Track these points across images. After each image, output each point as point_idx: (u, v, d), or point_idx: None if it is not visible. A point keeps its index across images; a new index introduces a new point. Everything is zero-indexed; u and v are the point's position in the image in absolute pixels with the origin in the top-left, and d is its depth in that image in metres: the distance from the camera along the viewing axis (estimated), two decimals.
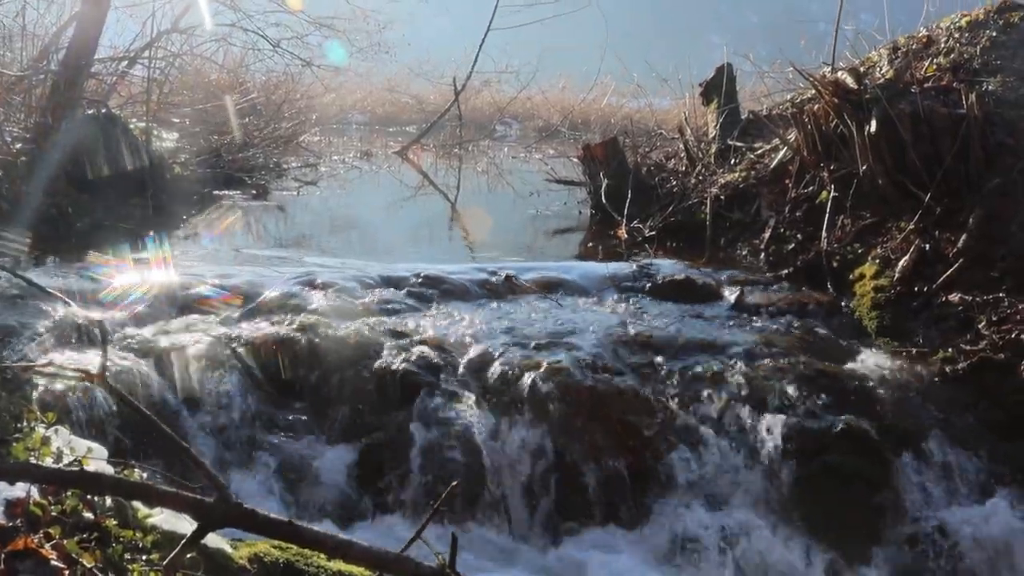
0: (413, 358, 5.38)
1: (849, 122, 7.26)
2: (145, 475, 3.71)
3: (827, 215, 7.27)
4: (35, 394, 4.44)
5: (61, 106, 9.35)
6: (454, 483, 2.70)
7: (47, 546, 2.59)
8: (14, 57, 11.15)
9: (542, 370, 5.27)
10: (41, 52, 10.95)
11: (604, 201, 9.67)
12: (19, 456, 3.16)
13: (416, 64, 23.82)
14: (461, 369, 5.40)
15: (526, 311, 6.33)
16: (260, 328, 5.60)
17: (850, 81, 7.37)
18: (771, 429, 5.10)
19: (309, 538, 2.29)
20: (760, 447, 5.07)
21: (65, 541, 2.67)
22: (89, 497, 3.12)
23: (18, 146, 9.01)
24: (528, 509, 4.86)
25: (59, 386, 4.55)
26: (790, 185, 7.96)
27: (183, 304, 6.01)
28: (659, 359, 5.61)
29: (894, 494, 4.93)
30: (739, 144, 9.41)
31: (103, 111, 9.79)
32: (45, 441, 3.43)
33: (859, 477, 4.99)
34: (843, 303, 6.59)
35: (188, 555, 2.85)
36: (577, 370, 5.34)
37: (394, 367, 5.32)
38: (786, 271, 7.19)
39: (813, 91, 8.05)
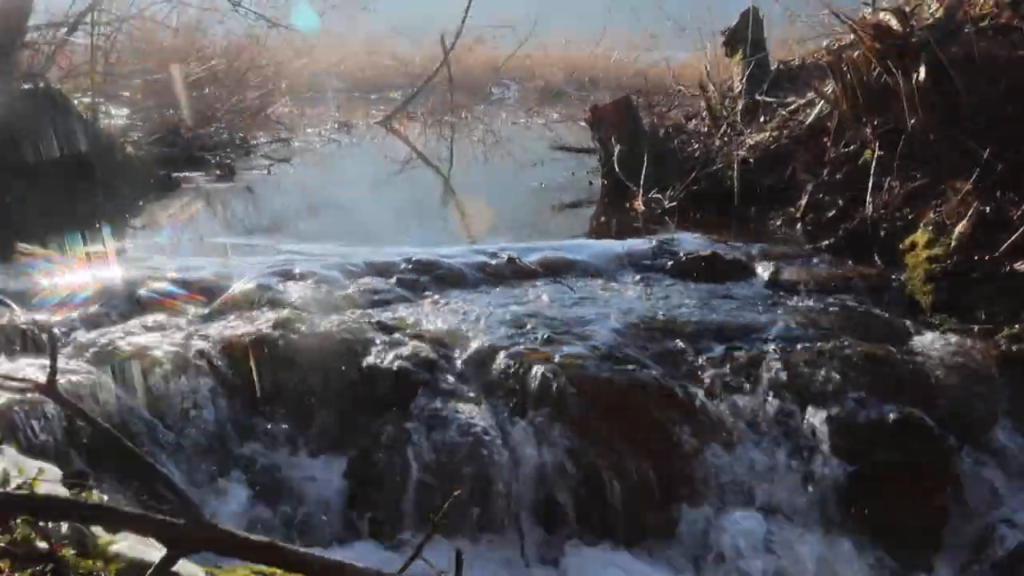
0: (406, 354, 5.37)
1: (894, 70, 7.25)
2: (105, 498, 3.71)
3: (872, 177, 7.27)
4: None
5: None
6: (456, 492, 2.69)
7: None
8: None
9: (553, 363, 5.27)
10: None
11: (617, 169, 9.67)
12: None
13: (399, 20, 23.79)
14: (461, 365, 5.39)
15: (532, 297, 6.33)
16: (230, 327, 5.60)
17: (894, 23, 7.35)
18: (815, 423, 5.10)
19: (295, 560, 2.30)
20: (803, 443, 5.07)
21: (17, 575, 2.67)
22: (42, 524, 3.12)
23: None
24: (541, 521, 4.85)
25: (2, 400, 4.54)
26: (828, 144, 7.96)
27: (141, 303, 6.00)
28: (685, 347, 5.61)
29: (957, 492, 4.93)
30: (769, 99, 9.41)
31: (41, 85, 9.78)
32: None
33: (917, 474, 4.99)
34: (893, 276, 6.58)
35: None
36: (592, 362, 5.33)
37: (385, 365, 5.32)
38: (826, 242, 7.19)
39: (852, 36, 8.04)
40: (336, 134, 16.63)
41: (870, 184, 7.24)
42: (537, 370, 5.23)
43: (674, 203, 8.72)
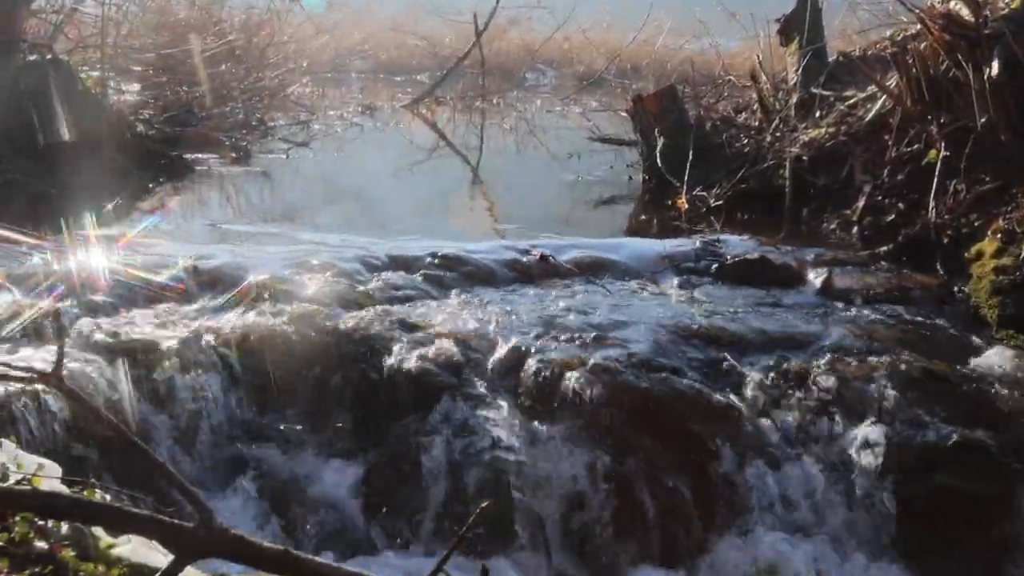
0: (430, 355, 5.40)
1: (964, 64, 7.20)
2: (108, 497, 3.74)
3: (936, 179, 7.23)
4: None
5: None
6: (484, 504, 2.70)
7: None
8: None
9: (586, 369, 5.27)
10: None
11: (659, 164, 9.66)
12: None
13: None
14: (488, 368, 5.41)
15: (566, 298, 6.33)
16: (244, 320, 5.64)
17: (965, 13, 7.30)
18: (867, 442, 5.07)
19: (310, 570, 2.31)
20: (853, 464, 5.05)
21: (15, 575, 2.70)
22: (42, 524, 3.15)
23: None
24: (571, 538, 4.86)
25: (1, 391, 4.60)
26: (889, 143, 7.91)
27: (150, 291, 6.04)
28: (728, 356, 5.60)
29: (1020, 522, 4.89)
30: (826, 93, 9.36)
31: (48, 57, 9.85)
32: None
33: (976, 501, 4.95)
34: (956, 288, 6.55)
35: None
36: (628, 369, 5.33)
37: (407, 366, 5.34)
38: (885, 248, 7.16)
39: (918, 26, 7.99)
40: (359, 117, 16.68)
41: (934, 187, 7.19)
42: (569, 377, 5.24)
43: (720, 202, 8.70)
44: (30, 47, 10.17)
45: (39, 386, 4.61)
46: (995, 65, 6.93)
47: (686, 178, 9.10)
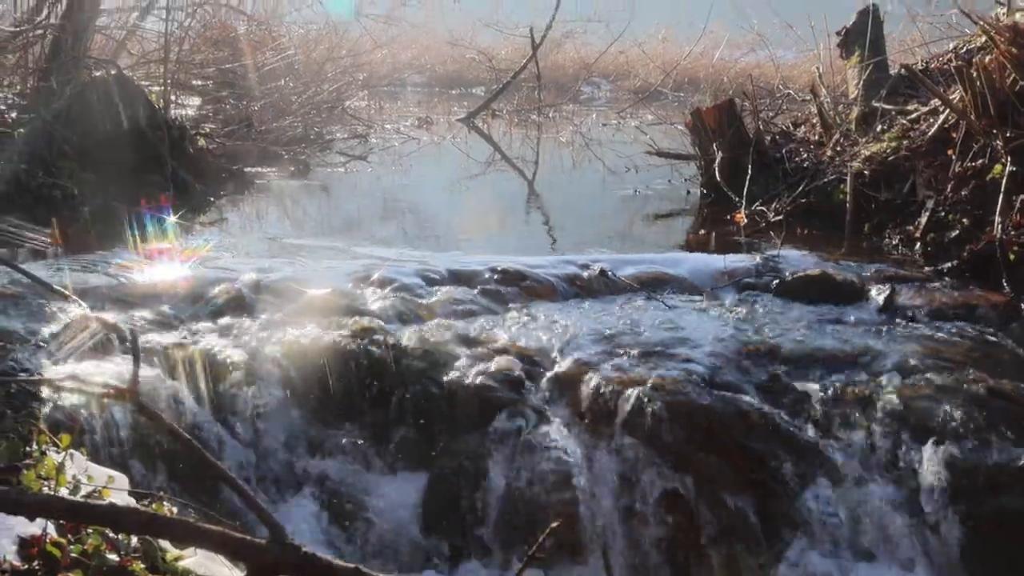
0: (490, 370, 5.42)
1: None
2: (175, 510, 3.80)
3: (1002, 194, 7.12)
4: (44, 411, 4.57)
5: (63, 67, 9.62)
6: (555, 524, 2.70)
7: None
8: (7, 9, 11.48)
9: (647, 386, 5.26)
10: (39, 3, 11.26)
11: (718, 179, 9.63)
12: (31, 486, 3.26)
13: (485, 12, 23.95)
14: (548, 384, 5.42)
15: (625, 314, 6.32)
16: (306, 333, 5.68)
17: None
18: (932, 462, 5.00)
19: None
20: (918, 485, 4.98)
21: None
22: (113, 536, 3.21)
23: (13, 115, 9.28)
24: (631, 557, 4.86)
25: (71, 403, 4.68)
26: (953, 157, 7.82)
27: (214, 305, 6.12)
28: (790, 374, 5.56)
29: None
30: (887, 107, 9.28)
31: (112, 72, 10.02)
32: (59, 468, 3.53)
33: None
34: (1023, 305, 6.44)
35: None
36: (690, 386, 5.31)
37: (467, 381, 5.36)
38: (948, 265, 7.07)
39: (984, 39, 7.90)
40: (415, 131, 16.79)
41: (999, 202, 7.09)
42: (630, 394, 5.22)
43: (780, 217, 8.64)
44: (95, 63, 10.36)
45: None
46: None
47: (745, 192, 9.06)
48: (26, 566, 2.82)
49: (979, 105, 7.59)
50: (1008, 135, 7.35)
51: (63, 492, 3.40)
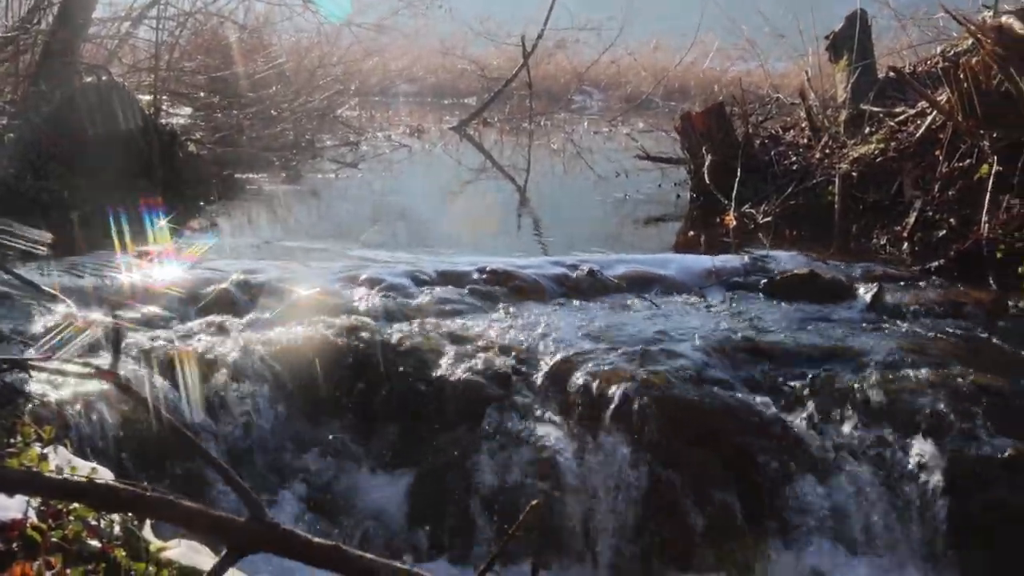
0: (478, 367, 5.41)
1: (1017, 78, 7.13)
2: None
3: (988, 194, 7.16)
4: (29, 407, 4.56)
5: (54, 73, 9.63)
6: (535, 502, 2.70)
7: (48, 574, 2.67)
8: None
9: (634, 382, 5.25)
10: (31, 10, 11.26)
11: (707, 182, 9.66)
12: None
13: (476, 21, 23.98)
14: (536, 381, 5.40)
15: (614, 312, 6.33)
16: (293, 332, 5.68)
17: (1018, 26, 7.24)
18: (919, 456, 5.00)
19: (361, 566, 2.32)
20: (906, 479, 4.98)
21: (69, 570, 2.75)
22: (94, 523, 3.20)
23: (3, 121, 9.28)
24: (619, 551, 4.84)
25: (56, 397, 4.67)
26: (941, 158, 7.86)
27: (202, 304, 6.12)
28: (778, 371, 5.56)
29: None
30: (875, 109, 9.32)
31: (104, 79, 10.02)
32: (43, 458, 3.52)
33: None
34: (1010, 303, 6.47)
35: None
36: (678, 383, 5.31)
37: (455, 378, 5.36)
38: (936, 264, 7.09)
39: (970, 41, 7.93)
40: (407, 139, 16.80)
41: (986, 202, 7.13)
42: (617, 389, 5.22)
43: (769, 218, 8.67)
44: (86, 69, 10.36)
45: (93, 393, 4.70)
46: None
47: (734, 195, 9.08)
48: (5, 548, 2.82)
49: (966, 106, 7.62)
50: (994, 135, 7.39)
51: None
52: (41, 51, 10.23)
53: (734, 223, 8.74)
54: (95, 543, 3.07)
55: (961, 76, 7.62)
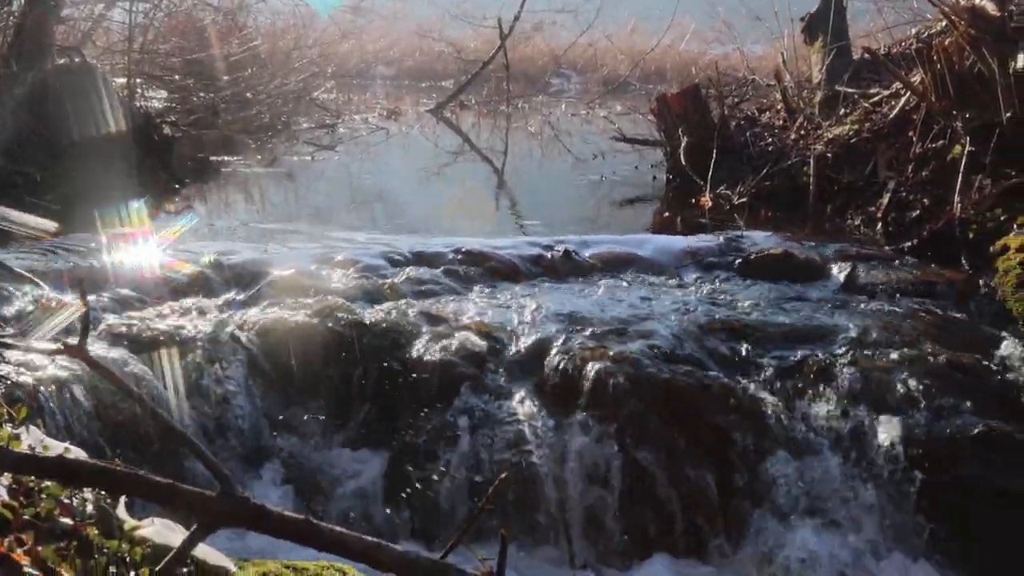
0: (453, 347, 5.41)
1: (989, 58, 7.16)
2: None
3: (960, 174, 7.19)
4: (1, 388, 4.54)
5: (27, 55, 9.56)
6: (503, 475, 2.71)
7: (19, 551, 2.66)
8: None
9: (609, 360, 5.27)
10: None
11: (683, 163, 9.68)
12: None
13: (453, 3, 23.88)
14: (510, 360, 5.42)
15: (589, 292, 6.34)
16: (268, 313, 5.66)
17: (990, 7, 7.26)
18: (891, 433, 5.03)
19: (332, 539, 2.33)
20: (878, 455, 5.01)
21: (40, 547, 2.74)
22: (67, 501, 3.19)
23: None
24: (592, 529, 4.87)
25: (29, 379, 4.65)
26: (914, 139, 7.89)
27: (176, 286, 6.10)
28: (752, 349, 5.58)
29: None
30: (850, 90, 9.35)
31: (77, 61, 9.95)
32: (15, 438, 3.50)
33: (1003, 493, 4.91)
34: (981, 282, 6.50)
35: (184, 568, 2.91)
36: (652, 361, 5.32)
37: (429, 358, 5.36)
38: (909, 244, 7.13)
39: (944, 22, 7.96)
40: (384, 122, 16.76)
41: (958, 182, 7.16)
42: (591, 368, 5.23)
43: (744, 199, 8.71)
44: (59, 51, 10.29)
45: (65, 374, 4.68)
46: (1020, 59, 6.91)
47: (710, 177, 9.11)
48: None
49: (939, 87, 7.65)
50: (967, 116, 7.42)
51: None
52: (13, 32, 10.14)
53: (710, 204, 8.77)
54: (67, 521, 3.06)
55: (935, 57, 7.65)
